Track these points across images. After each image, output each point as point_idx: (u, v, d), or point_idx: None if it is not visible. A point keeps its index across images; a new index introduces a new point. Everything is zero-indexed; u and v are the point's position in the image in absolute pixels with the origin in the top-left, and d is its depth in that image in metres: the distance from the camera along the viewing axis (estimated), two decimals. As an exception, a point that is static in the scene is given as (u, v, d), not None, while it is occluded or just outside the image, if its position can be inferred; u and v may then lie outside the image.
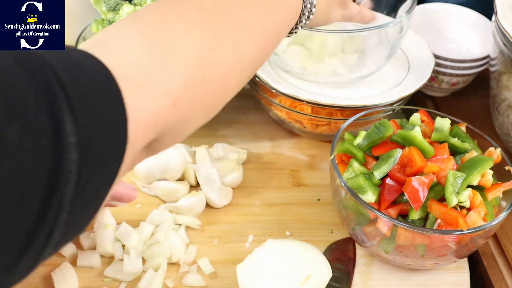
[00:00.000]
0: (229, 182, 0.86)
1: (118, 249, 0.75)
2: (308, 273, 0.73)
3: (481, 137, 0.80)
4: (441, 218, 0.69)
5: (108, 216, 0.77)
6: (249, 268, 0.73)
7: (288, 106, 0.91)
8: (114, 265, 0.75)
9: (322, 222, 0.83)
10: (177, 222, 0.80)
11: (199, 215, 0.82)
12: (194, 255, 0.77)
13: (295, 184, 0.90)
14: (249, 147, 0.94)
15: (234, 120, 1.00)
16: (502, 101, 0.89)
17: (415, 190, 0.69)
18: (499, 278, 0.78)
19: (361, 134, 0.78)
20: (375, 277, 0.77)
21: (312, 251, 0.75)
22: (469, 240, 0.70)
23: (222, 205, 0.84)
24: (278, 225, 0.82)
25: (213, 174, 0.84)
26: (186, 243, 0.78)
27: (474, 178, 0.71)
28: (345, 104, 0.88)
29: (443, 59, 0.99)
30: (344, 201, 0.74)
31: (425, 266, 0.76)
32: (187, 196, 0.82)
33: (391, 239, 0.70)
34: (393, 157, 0.72)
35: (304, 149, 0.96)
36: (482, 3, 1.02)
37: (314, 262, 0.74)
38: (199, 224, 0.81)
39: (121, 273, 0.73)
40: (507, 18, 0.83)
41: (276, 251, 0.75)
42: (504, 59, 0.85)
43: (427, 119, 0.80)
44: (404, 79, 0.93)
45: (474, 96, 1.05)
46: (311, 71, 0.91)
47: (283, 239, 0.77)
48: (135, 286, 0.72)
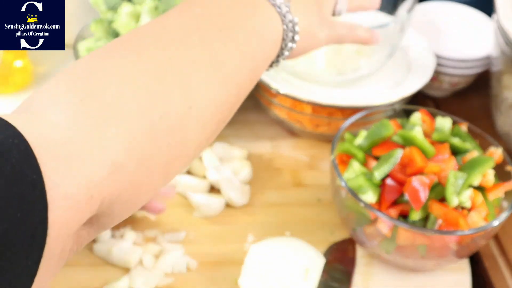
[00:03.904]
0: (243, 179, 0.87)
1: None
2: (305, 267, 0.74)
3: (482, 137, 0.79)
4: (442, 219, 0.69)
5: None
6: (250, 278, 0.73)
7: (288, 106, 0.90)
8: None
9: (322, 222, 0.83)
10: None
11: (215, 216, 0.83)
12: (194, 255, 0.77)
13: (295, 184, 0.89)
14: (249, 147, 0.94)
15: (234, 120, 0.99)
16: (503, 101, 0.89)
17: (415, 191, 0.69)
18: (501, 278, 0.78)
19: (361, 134, 0.77)
20: (376, 278, 0.77)
21: (298, 243, 0.76)
22: (470, 240, 0.70)
23: (242, 204, 0.84)
24: (278, 225, 0.82)
25: (229, 175, 0.85)
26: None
27: (475, 178, 0.71)
28: (346, 104, 0.88)
29: (444, 59, 0.99)
30: (344, 201, 0.73)
31: (425, 266, 0.76)
32: (208, 196, 0.83)
33: (391, 239, 0.70)
34: (393, 157, 0.72)
35: (304, 149, 0.95)
36: (484, 2, 1.02)
37: (305, 254, 0.74)
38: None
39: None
40: (509, 17, 0.83)
41: (266, 253, 0.75)
42: (506, 58, 0.85)
43: (428, 119, 0.79)
44: (405, 79, 0.93)
45: (475, 96, 1.05)
46: (311, 71, 0.91)
47: (264, 241, 0.77)
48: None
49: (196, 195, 0.82)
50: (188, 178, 0.85)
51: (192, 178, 0.86)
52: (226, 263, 0.76)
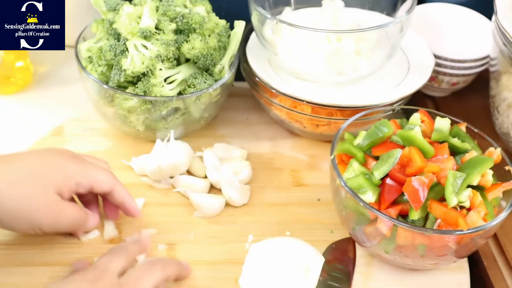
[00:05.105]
0: (243, 179, 0.87)
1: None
2: (305, 266, 0.74)
3: (481, 137, 0.80)
4: (441, 218, 0.69)
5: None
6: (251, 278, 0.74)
7: (288, 106, 0.91)
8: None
9: (322, 222, 0.83)
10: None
11: (215, 215, 0.83)
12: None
13: (295, 184, 0.90)
14: (249, 147, 0.94)
15: (234, 120, 1.00)
16: (502, 101, 0.89)
17: (415, 190, 0.69)
18: (499, 278, 0.78)
19: (361, 134, 0.78)
20: (375, 277, 0.77)
21: (298, 243, 0.76)
22: (469, 240, 0.70)
23: (242, 203, 0.85)
24: (278, 225, 0.82)
25: (230, 175, 0.85)
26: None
27: (474, 178, 0.71)
28: (345, 104, 0.88)
29: (443, 59, 0.99)
30: (344, 201, 0.74)
31: (425, 266, 0.76)
32: (208, 195, 0.84)
33: (391, 239, 0.70)
34: (393, 157, 0.72)
35: (304, 149, 0.96)
36: (482, 2, 1.02)
37: (305, 253, 0.75)
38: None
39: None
40: (507, 17, 0.83)
41: (266, 253, 0.75)
42: (504, 59, 0.85)
43: (427, 119, 0.80)
44: (404, 79, 0.93)
45: (474, 96, 1.05)
46: (311, 71, 0.91)
47: (264, 241, 0.77)
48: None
49: (196, 195, 0.82)
50: (188, 178, 0.86)
51: (192, 178, 0.86)
52: (226, 262, 0.77)
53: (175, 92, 0.85)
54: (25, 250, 0.75)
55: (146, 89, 0.82)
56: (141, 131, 0.88)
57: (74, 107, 0.96)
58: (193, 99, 0.86)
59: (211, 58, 0.85)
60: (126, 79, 0.84)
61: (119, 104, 0.84)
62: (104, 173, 0.74)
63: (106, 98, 0.85)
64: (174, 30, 0.85)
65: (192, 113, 0.88)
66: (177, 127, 0.89)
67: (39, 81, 1.01)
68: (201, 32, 0.85)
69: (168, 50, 0.83)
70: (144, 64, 0.81)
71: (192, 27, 0.85)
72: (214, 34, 0.86)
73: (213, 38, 0.85)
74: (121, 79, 0.83)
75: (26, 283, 0.71)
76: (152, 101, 0.83)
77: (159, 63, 0.82)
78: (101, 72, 0.85)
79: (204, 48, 0.84)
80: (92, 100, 0.89)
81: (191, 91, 0.85)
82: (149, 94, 0.83)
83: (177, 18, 0.85)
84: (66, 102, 0.97)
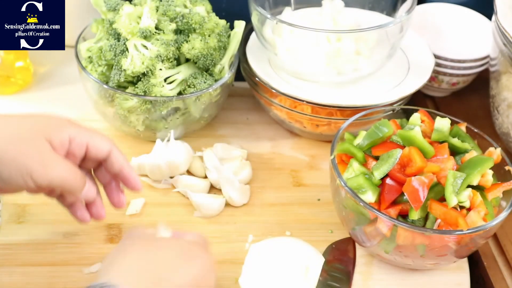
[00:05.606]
0: (243, 179, 0.87)
1: None
2: (305, 266, 0.74)
3: (481, 137, 0.80)
4: (441, 218, 0.69)
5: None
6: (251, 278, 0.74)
7: (288, 106, 0.91)
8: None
9: (322, 222, 0.83)
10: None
11: (215, 215, 0.83)
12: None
13: (295, 184, 0.90)
14: (249, 147, 0.94)
15: (234, 120, 1.00)
16: (502, 101, 0.89)
17: (415, 190, 0.69)
18: (499, 278, 0.78)
19: (361, 134, 0.78)
20: (375, 277, 0.77)
21: (298, 243, 0.76)
22: (469, 240, 0.70)
23: (242, 203, 0.85)
24: (278, 225, 0.82)
25: (230, 175, 0.85)
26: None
27: (474, 178, 0.71)
28: (345, 104, 0.88)
29: (443, 59, 0.99)
30: (344, 201, 0.74)
31: (425, 266, 0.76)
32: (208, 195, 0.84)
33: (391, 239, 0.70)
34: (393, 157, 0.72)
35: (304, 149, 0.96)
36: (482, 2, 1.02)
37: (305, 253, 0.75)
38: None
39: None
40: (507, 17, 0.83)
41: (266, 252, 0.75)
42: (504, 59, 0.85)
43: (427, 119, 0.80)
44: (404, 79, 0.93)
45: (474, 96, 1.05)
46: (311, 71, 0.91)
47: (264, 241, 0.77)
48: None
49: (196, 195, 0.82)
50: (188, 178, 0.86)
51: (192, 178, 0.86)
52: (226, 262, 0.77)
53: (175, 92, 0.85)
54: (25, 250, 0.75)
55: (146, 89, 0.83)
56: (141, 131, 0.88)
57: (74, 107, 0.96)
58: (193, 99, 0.86)
59: (211, 58, 0.85)
60: (126, 79, 0.84)
61: (119, 104, 0.84)
62: (100, 135, 0.67)
63: (106, 98, 0.85)
64: (174, 30, 0.85)
65: (192, 113, 0.88)
66: (177, 127, 0.89)
67: (39, 81, 1.01)
68: (201, 32, 0.85)
69: (168, 50, 0.83)
70: (144, 64, 0.81)
71: (192, 27, 0.85)
72: (214, 34, 0.86)
73: (213, 38, 0.85)
74: (121, 79, 0.83)
75: (26, 283, 0.71)
76: (152, 101, 0.83)
77: (159, 63, 0.82)
78: (101, 72, 0.86)
79: (204, 48, 0.84)
80: (92, 100, 0.89)
81: (191, 91, 0.85)
82: (149, 94, 0.83)
83: (177, 18, 0.85)
84: (66, 102, 0.97)
